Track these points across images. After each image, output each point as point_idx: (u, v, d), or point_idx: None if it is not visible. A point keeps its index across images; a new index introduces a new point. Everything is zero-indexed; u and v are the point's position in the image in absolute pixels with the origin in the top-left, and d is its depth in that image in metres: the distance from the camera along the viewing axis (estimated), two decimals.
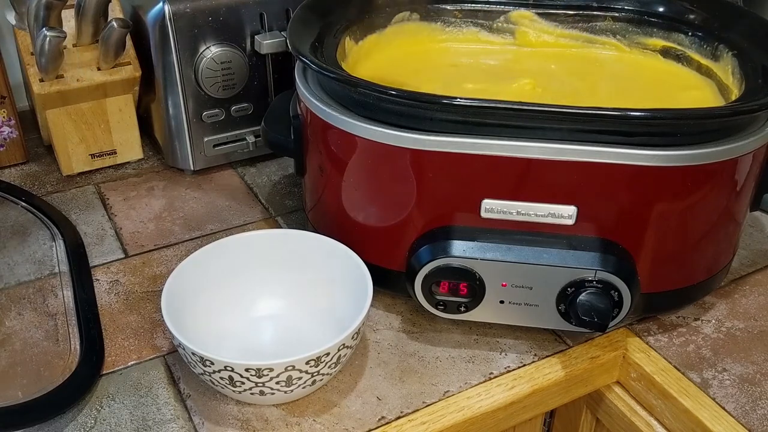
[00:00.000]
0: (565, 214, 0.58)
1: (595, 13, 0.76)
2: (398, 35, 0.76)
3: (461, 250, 0.59)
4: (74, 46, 0.80)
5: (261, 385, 0.53)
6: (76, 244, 0.74)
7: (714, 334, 0.65)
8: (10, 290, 0.68)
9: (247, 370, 0.52)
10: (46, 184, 0.85)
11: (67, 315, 0.65)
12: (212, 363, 0.52)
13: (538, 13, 0.77)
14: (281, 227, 0.78)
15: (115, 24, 0.75)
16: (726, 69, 0.67)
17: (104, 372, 0.60)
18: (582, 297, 0.58)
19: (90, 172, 0.87)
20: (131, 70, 0.81)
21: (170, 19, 0.76)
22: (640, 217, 0.58)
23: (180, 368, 0.61)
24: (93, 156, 0.86)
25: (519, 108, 0.55)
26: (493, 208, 0.58)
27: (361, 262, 0.61)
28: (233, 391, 0.54)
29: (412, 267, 0.61)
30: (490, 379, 0.61)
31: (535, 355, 0.63)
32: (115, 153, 0.87)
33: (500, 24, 0.78)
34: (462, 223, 0.60)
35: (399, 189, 0.60)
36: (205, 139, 0.84)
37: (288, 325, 0.64)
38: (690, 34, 0.72)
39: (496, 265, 0.59)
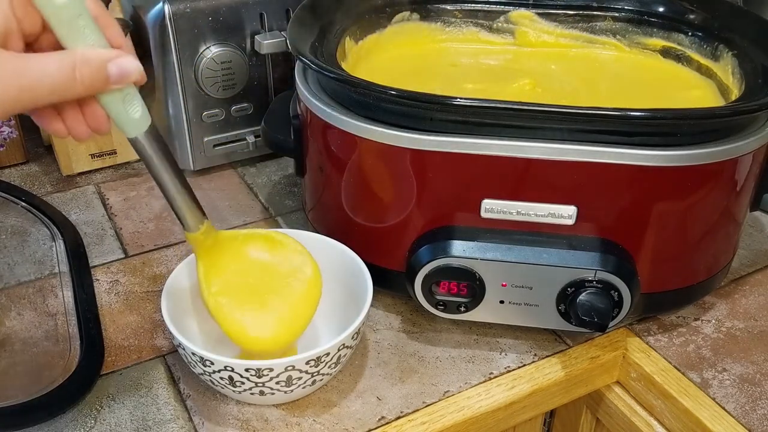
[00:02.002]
0: (565, 214, 0.58)
1: (595, 13, 0.76)
2: (398, 35, 0.76)
3: (461, 250, 0.59)
4: None
5: (261, 385, 0.53)
6: (76, 244, 0.74)
7: (714, 334, 0.65)
8: (10, 290, 0.68)
9: (247, 370, 0.52)
10: (46, 184, 0.85)
11: (67, 315, 0.65)
12: (212, 363, 0.53)
13: (538, 13, 0.77)
14: (281, 227, 0.78)
15: None
16: (726, 69, 0.67)
17: (104, 372, 0.60)
18: (582, 297, 0.58)
19: (90, 172, 0.87)
20: None
21: (170, 19, 0.76)
22: (640, 217, 0.58)
23: (180, 368, 0.61)
24: (93, 156, 0.86)
25: (519, 108, 0.55)
26: (493, 208, 0.58)
27: (361, 262, 0.61)
28: (233, 391, 0.54)
29: (412, 267, 0.61)
30: (490, 379, 0.61)
31: (535, 355, 0.63)
32: (115, 153, 0.87)
33: (500, 24, 0.78)
34: (462, 223, 0.60)
35: (399, 189, 0.60)
36: (205, 139, 0.84)
37: None
38: (690, 34, 0.72)
39: (496, 265, 0.59)
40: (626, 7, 0.76)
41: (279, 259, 0.60)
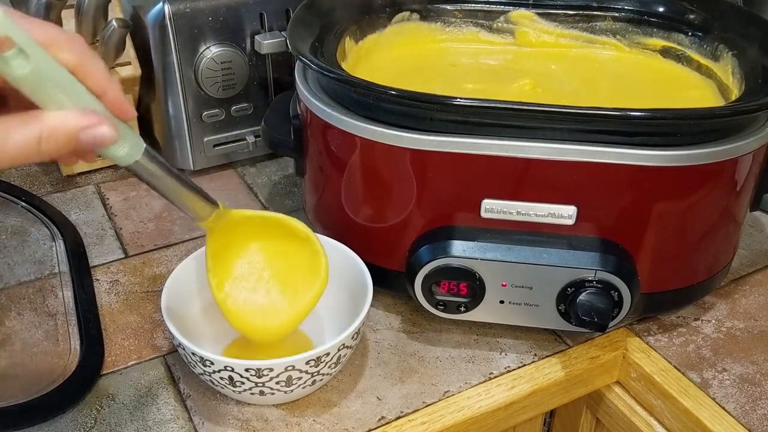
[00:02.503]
0: (565, 214, 0.58)
1: (595, 13, 0.76)
2: (398, 35, 0.76)
3: (461, 250, 0.59)
4: None
5: (261, 385, 0.53)
6: (76, 244, 0.74)
7: (714, 334, 0.65)
8: (10, 290, 0.68)
9: (247, 370, 0.52)
10: (46, 184, 0.85)
11: (67, 315, 0.65)
12: (212, 363, 0.53)
13: (538, 13, 0.77)
14: None
15: (115, 24, 0.75)
16: (726, 69, 0.67)
17: (104, 372, 0.60)
18: (582, 297, 0.58)
19: (90, 172, 0.87)
20: (131, 70, 0.81)
21: (170, 19, 0.76)
22: (640, 217, 0.58)
23: (180, 368, 0.61)
24: None
25: (519, 108, 0.55)
26: (493, 208, 0.58)
27: (361, 262, 0.61)
28: (233, 391, 0.54)
29: (412, 267, 0.61)
30: (490, 379, 0.61)
31: (535, 355, 0.63)
32: None
33: (500, 24, 0.78)
34: (462, 223, 0.60)
35: (399, 189, 0.60)
36: (205, 139, 0.84)
37: None
38: (690, 34, 0.72)
39: (496, 265, 0.59)
40: (626, 7, 0.76)
41: (288, 247, 0.59)
